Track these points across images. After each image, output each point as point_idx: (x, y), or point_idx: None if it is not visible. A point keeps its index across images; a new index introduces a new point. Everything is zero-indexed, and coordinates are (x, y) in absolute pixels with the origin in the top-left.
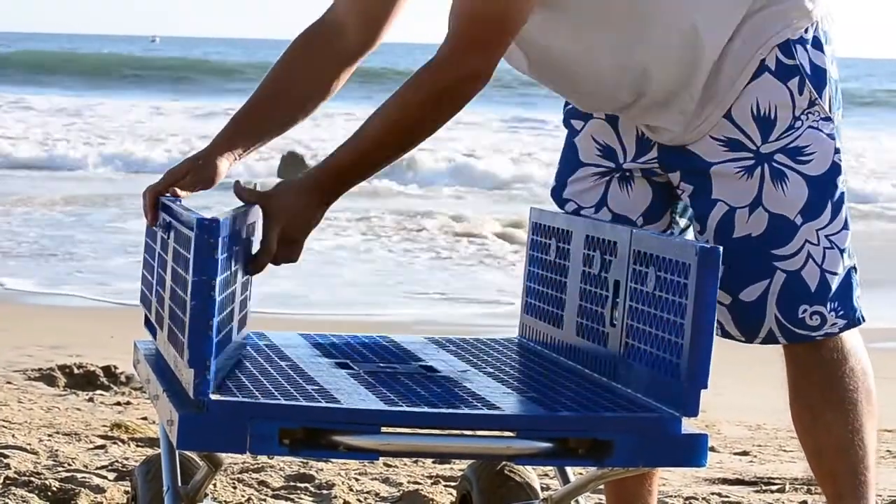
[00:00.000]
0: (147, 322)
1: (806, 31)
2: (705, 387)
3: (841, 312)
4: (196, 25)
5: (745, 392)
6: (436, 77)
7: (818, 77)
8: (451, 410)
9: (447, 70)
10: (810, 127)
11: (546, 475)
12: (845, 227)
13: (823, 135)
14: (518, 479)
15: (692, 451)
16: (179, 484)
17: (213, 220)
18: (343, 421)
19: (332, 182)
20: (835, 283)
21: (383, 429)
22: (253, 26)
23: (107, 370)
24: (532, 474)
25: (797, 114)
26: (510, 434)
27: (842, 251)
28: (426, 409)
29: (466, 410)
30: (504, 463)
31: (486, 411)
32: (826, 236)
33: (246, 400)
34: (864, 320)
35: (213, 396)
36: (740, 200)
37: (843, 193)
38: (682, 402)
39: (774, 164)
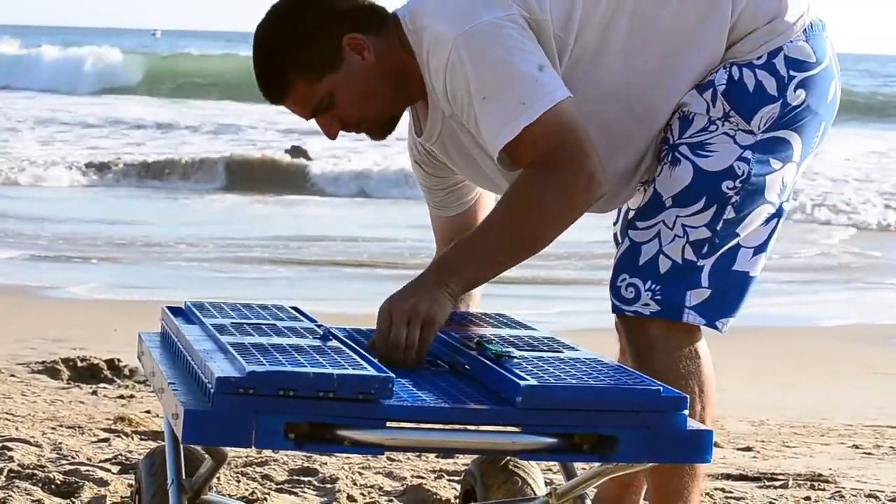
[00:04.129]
0: None
1: (759, 57)
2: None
3: (659, 297)
4: (195, 19)
5: (748, 388)
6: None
7: (746, 96)
8: (455, 405)
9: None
10: (724, 133)
11: (549, 469)
12: (711, 229)
13: (733, 142)
14: (522, 473)
15: (697, 448)
16: (184, 477)
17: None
18: (348, 415)
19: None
20: (666, 266)
21: (388, 423)
22: (252, 21)
23: (110, 363)
24: (536, 469)
25: (712, 119)
26: (515, 429)
27: (692, 244)
28: (431, 405)
29: (471, 405)
30: (508, 458)
31: (490, 406)
32: (683, 225)
33: (251, 394)
34: (684, 318)
35: (223, 388)
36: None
37: (728, 199)
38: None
39: (676, 153)
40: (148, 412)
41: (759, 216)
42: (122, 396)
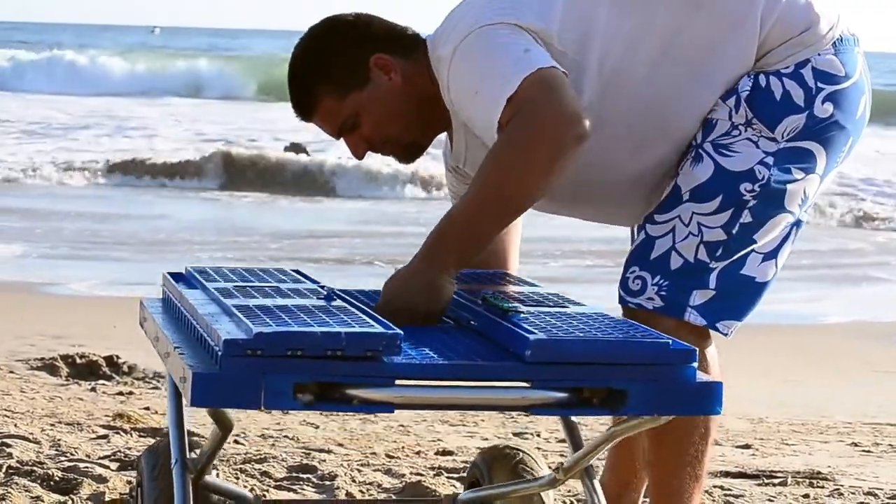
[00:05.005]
0: None
1: (786, 67)
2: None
3: (664, 293)
4: (194, 16)
5: (747, 385)
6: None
7: (772, 104)
8: (465, 362)
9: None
10: (747, 139)
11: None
12: (727, 231)
13: (755, 147)
14: (530, 473)
15: (706, 400)
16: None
17: None
18: (357, 374)
19: (442, 253)
20: (678, 264)
21: (397, 381)
22: (252, 17)
23: (109, 360)
24: (543, 466)
25: (735, 125)
26: (525, 385)
27: (706, 244)
28: (440, 361)
29: (481, 362)
30: (517, 458)
31: (500, 362)
32: (698, 223)
33: (259, 355)
34: (685, 317)
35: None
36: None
37: (745, 202)
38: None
39: (699, 151)
40: (147, 409)
41: (777, 225)
42: (120, 393)
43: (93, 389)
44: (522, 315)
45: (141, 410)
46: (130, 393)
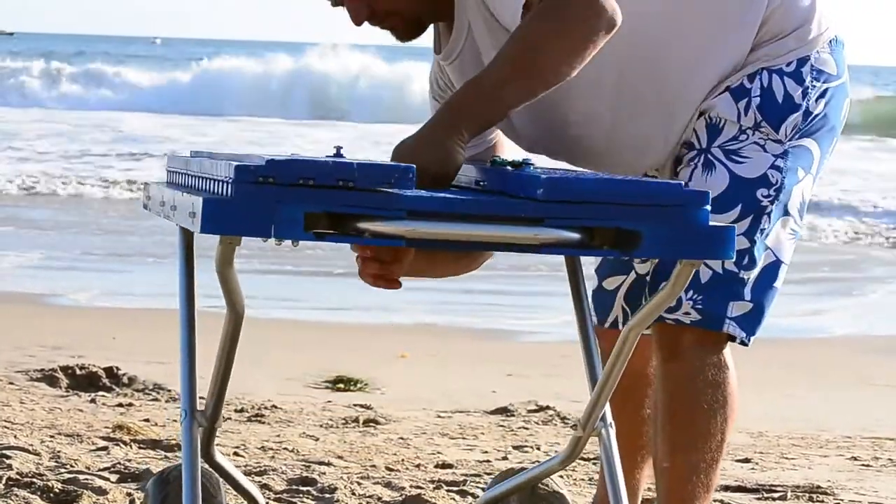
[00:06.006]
0: None
1: (789, 63)
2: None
3: (700, 306)
4: (195, 27)
5: (746, 399)
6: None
7: (776, 105)
8: (477, 198)
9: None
10: (755, 143)
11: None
12: (750, 239)
13: (764, 151)
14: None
15: (718, 244)
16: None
17: None
18: (368, 206)
19: (457, 117)
20: (707, 276)
21: (409, 216)
22: (254, 28)
23: (109, 371)
24: (560, 484)
25: (743, 129)
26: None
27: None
28: (453, 196)
29: (493, 198)
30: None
31: (513, 199)
32: None
33: (271, 183)
34: (724, 328)
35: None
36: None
37: (764, 209)
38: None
39: (709, 156)
40: (147, 420)
41: (784, 227)
42: (120, 405)
43: (92, 401)
44: (533, 168)
45: (141, 422)
46: (130, 404)
